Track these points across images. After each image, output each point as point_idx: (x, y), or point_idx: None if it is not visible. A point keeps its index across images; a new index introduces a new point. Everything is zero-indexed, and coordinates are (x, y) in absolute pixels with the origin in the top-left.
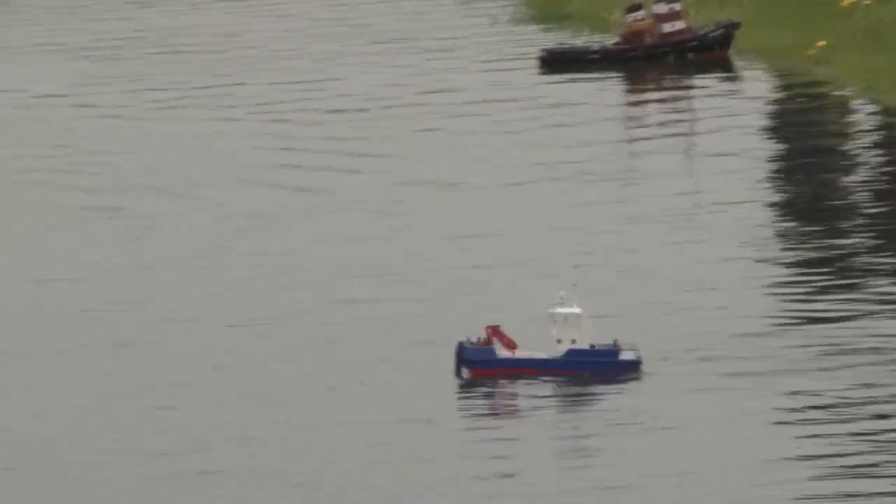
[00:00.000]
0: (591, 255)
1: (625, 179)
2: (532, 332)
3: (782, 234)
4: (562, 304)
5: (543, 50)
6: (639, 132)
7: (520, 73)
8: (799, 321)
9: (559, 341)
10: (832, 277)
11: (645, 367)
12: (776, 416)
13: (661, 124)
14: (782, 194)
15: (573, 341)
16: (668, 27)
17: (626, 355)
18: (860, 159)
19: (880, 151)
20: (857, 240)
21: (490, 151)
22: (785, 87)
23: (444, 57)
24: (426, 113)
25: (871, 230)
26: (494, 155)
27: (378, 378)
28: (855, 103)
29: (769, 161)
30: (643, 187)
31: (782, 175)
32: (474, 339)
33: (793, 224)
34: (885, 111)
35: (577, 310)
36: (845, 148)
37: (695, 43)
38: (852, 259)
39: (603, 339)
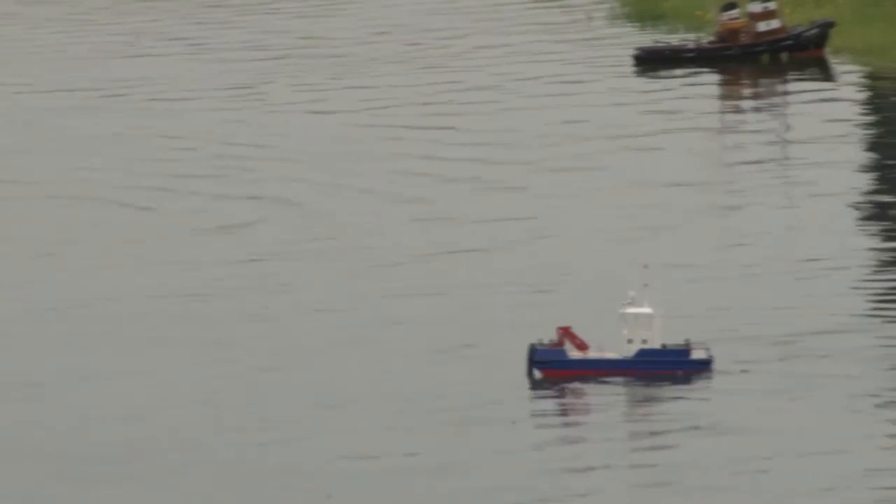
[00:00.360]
0: (662, 255)
1: (715, 183)
2: (603, 333)
3: (861, 231)
4: (632, 305)
5: (638, 48)
6: (732, 136)
7: (613, 70)
8: (880, 319)
9: (630, 341)
10: None
11: (717, 367)
12: (853, 417)
13: (755, 124)
14: (873, 194)
15: (644, 341)
16: (762, 26)
17: (697, 354)
18: None
19: None
20: None
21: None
22: (881, 86)
23: (532, 58)
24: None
25: None
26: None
27: (451, 378)
28: None
29: (862, 161)
30: (727, 188)
31: (874, 175)
32: (545, 341)
33: (877, 221)
34: None
35: (647, 310)
36: None
37: (790, 42)
38: None
39: (674, 339)
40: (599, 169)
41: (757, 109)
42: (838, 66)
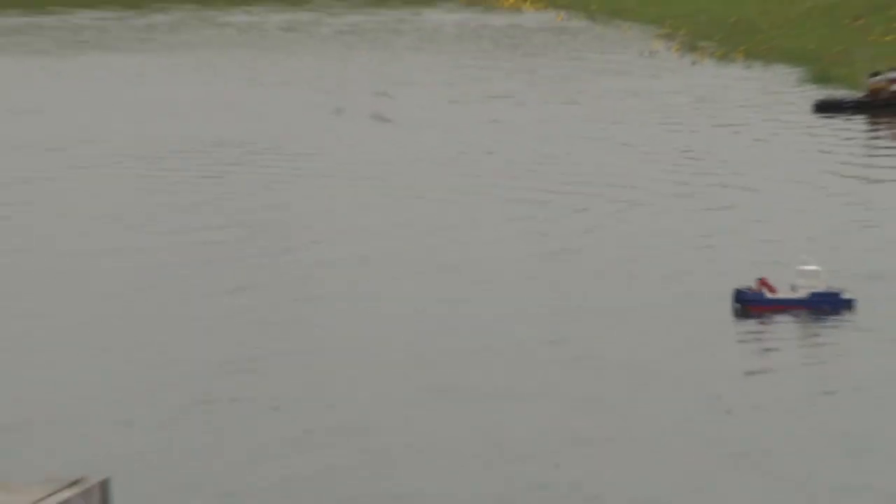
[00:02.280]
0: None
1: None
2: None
3: None
4: (806, 265)
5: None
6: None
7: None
8: None
9: (803, 288)
10: None
11: (858, 306)
12: None
13: None
14: None
15: (812, 288)
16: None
17: (845, 296)
18: None
19: None
20: None
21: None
22: None
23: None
24: None
25: None
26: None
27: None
28: None
29: None
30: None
31: None
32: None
33: None
34: None
35: (816, 267)
36: None
37: None
38: None
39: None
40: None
41: None
42: None
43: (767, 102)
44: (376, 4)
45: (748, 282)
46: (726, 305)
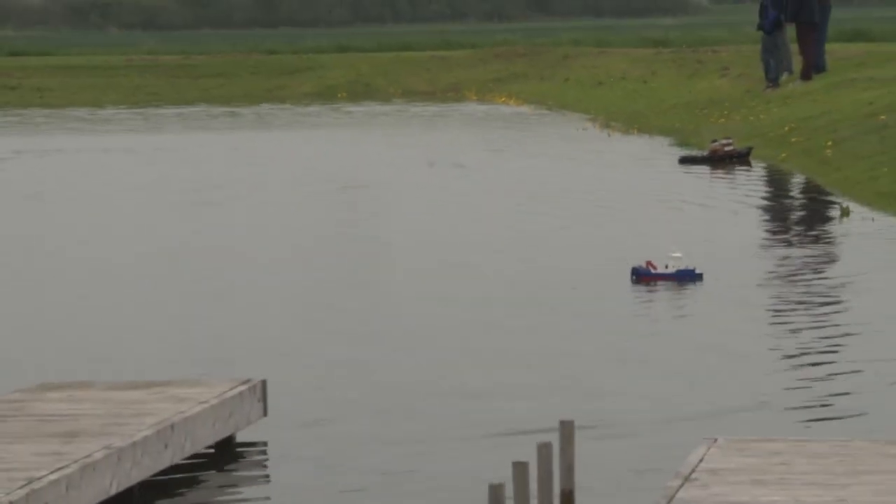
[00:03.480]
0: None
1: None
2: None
3: None
4: (674, 252)
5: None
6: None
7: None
8: None
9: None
10: None
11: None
12: None
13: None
14: None
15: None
16: (728, 148)
17: (697, 271)
18: None
19: None
20: None
21: None
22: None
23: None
24: None
25: None
26: None
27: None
28: None
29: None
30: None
31: None
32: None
33: None
34: None
35: (680, 254)
36: None
37: (740, 155)
38: None
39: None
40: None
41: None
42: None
43: (650, 157)
44: (425, 101)
45: (640, 262)
46: (627, 276)
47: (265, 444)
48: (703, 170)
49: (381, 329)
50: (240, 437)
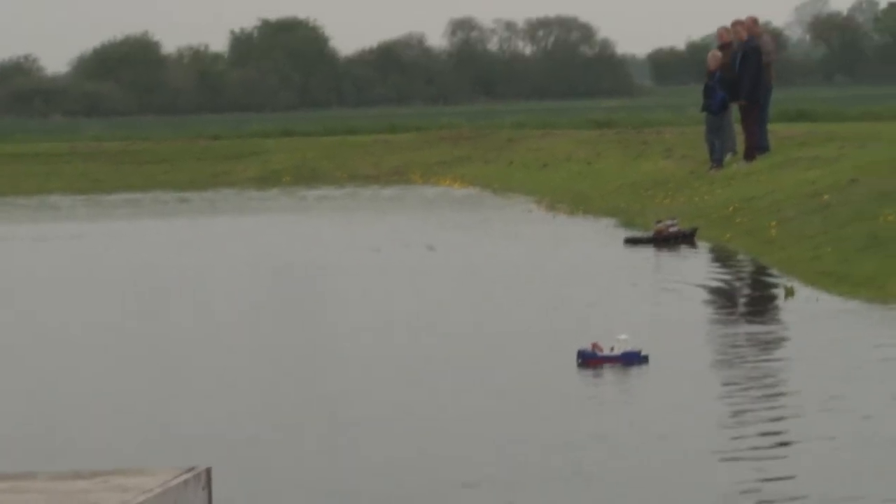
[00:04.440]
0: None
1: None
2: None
3: None
4: (620, 335)
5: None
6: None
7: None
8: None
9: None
10: None
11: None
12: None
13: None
14: None
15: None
16: (672, 229)
17: (643, 354)
18: None
19: None
20: None
21: None
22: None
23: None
24: None
25: None
26: None
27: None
28: None
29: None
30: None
31: None
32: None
33: None
34: None
35: (626, 336)
36: None
37: (685, 235)
38: None
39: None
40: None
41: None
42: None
43: (595, 238)
44: (371, 184)
45: (586, 344)
46: (573, 359)
47: None
48: (649, 251)
49: (330, 414)
50: None
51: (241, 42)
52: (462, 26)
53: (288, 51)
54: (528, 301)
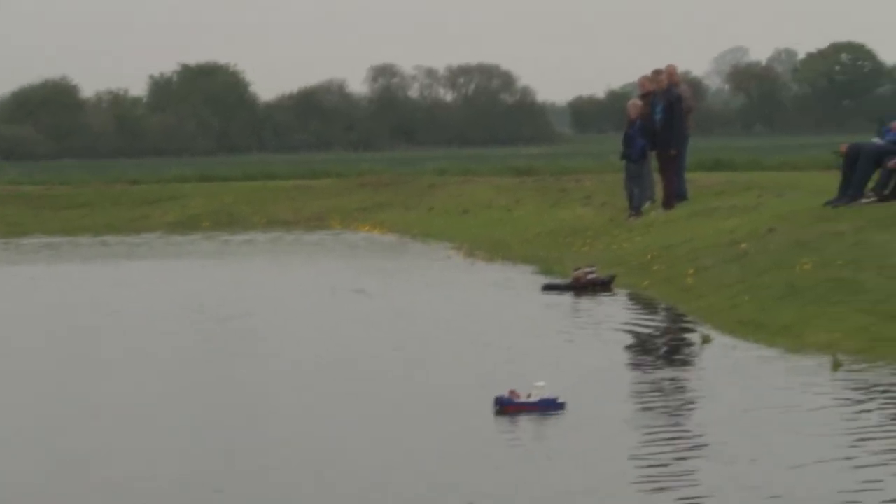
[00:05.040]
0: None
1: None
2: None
3: None
4: (537, 382)
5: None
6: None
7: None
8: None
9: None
10: None
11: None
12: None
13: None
14: None
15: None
16: (591, 276)
17: (559, 400)
18: None
19: None
20: None
21: None
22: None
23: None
24: None
25: None
26: None
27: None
28: None
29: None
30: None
31: None
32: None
33: None
34: None
35: (543, 383)
36: None
37: (603, 282)
38: None
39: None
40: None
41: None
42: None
43: (514, 285)
44: (310, 230)
45: (503, 391)
46: (489, 406)
47: None
48: (567, 298)
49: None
50: None
51: (161, 87)
52: (383, 73)
53: (207, 96)
54: (445, 348)
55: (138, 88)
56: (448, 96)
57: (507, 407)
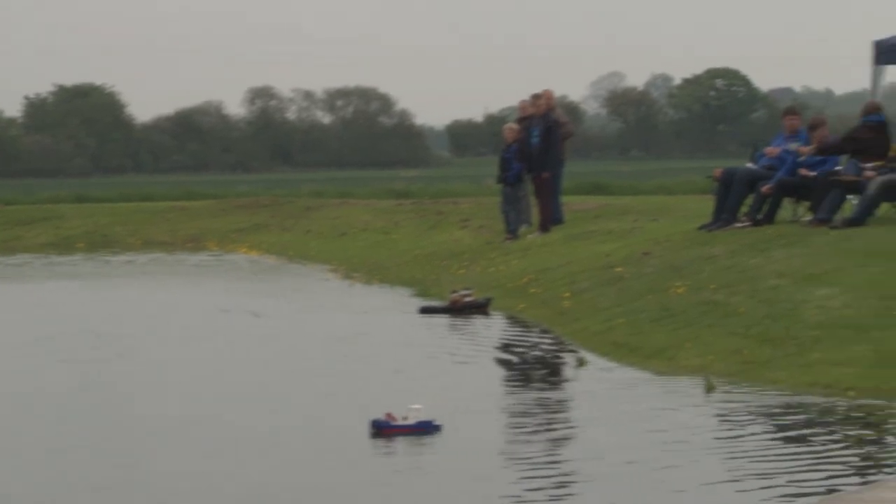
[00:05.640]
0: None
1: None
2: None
3: None
4: (413, 404)
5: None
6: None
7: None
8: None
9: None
10: None
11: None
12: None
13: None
14: None
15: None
16: (468, 299)
17: (435, 423)
18: None
19: None
20: None
21: None
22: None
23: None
24: None
25: None
26: None
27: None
28: None
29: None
30: None
31: None
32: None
33: None
34: None
35: (419, 406)
36: None
37: (479, 305)
38: None
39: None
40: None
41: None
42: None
43: (391, 307)
44: (187, 251)
45: (380, 414)
46: (366, 429)
47: None
48: (444, 320)
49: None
50: None
51: (36, 107)
52: (261, 95)
53: (83, 117)
54: (321, 370)
55: (13, 109)
56: (326, 119)
57: (383, 430)
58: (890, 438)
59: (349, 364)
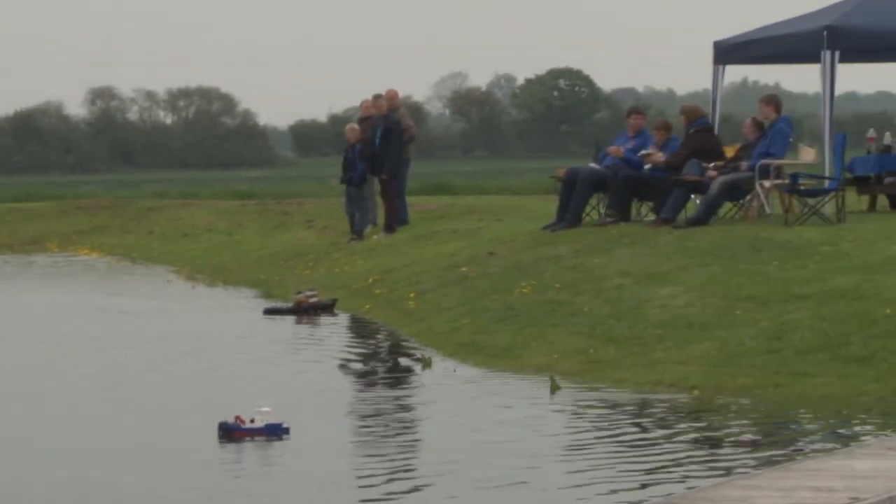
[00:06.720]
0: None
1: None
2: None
3: None
4: (262, 407)
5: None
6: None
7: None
8: None
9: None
10: None
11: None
12: None
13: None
14: None
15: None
16: (312, 300)
17: (285, 425)
18: None
19: None
20: None
21: None
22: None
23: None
24: None
25: None
26: None
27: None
28: None
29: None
30: None
31: None
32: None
33: None
34: None
35: (268, 409)
36: None
37: (326, 305)
38: None
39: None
40: None
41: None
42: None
43: (235, 309)
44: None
45: (228, 417)
46: (214, 432)
47: None
48: (289, 321)
49: None
50: None
51: None
52: (101, 95)
53: None
54: (165, 373)
55: None
56: (168, 119)
57: (232, 433)
58: (733, 436)
59: (193, 367)
